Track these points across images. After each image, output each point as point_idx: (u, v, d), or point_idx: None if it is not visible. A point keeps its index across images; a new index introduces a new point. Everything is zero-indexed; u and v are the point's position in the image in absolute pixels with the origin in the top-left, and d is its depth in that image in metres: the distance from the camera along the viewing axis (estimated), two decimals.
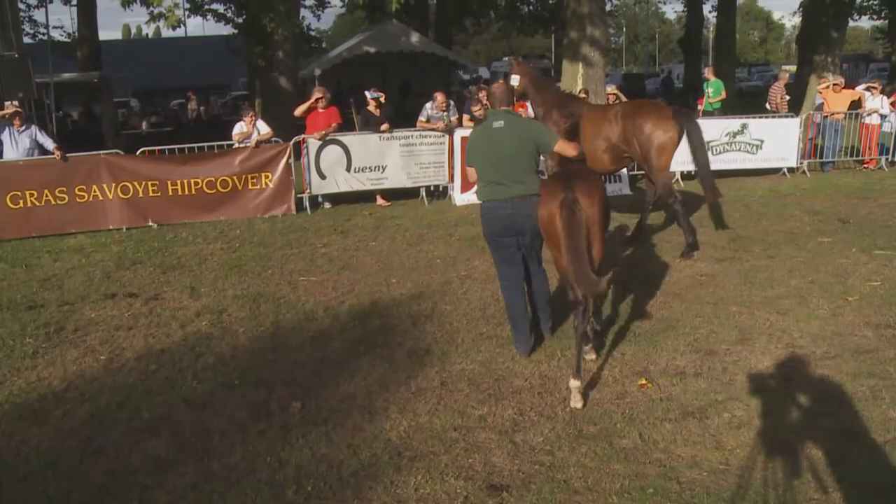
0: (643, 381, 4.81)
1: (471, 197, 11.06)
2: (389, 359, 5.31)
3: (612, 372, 5.01)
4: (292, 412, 4.57)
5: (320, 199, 11.22)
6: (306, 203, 10.89)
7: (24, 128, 10.20)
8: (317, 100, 10.94)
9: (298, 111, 11.15)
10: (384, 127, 11.13)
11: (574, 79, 14.67)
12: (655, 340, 5.48)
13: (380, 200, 11.34)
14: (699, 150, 7.94)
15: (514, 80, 8.24)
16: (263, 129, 11.08)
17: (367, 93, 11.75)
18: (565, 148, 5.05)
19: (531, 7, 33.10)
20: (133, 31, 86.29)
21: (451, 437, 4.20)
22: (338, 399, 4.73)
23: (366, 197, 11.35)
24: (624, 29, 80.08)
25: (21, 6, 17.92)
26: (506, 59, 35.32)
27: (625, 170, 10.80)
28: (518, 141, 5.00)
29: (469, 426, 4.32)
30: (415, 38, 22.88)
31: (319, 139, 10.79)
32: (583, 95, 12.77)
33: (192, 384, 5.04)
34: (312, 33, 25.91)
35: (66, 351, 5.73)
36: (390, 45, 22.03)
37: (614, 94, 13.13)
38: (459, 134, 11.01)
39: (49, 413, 4.68)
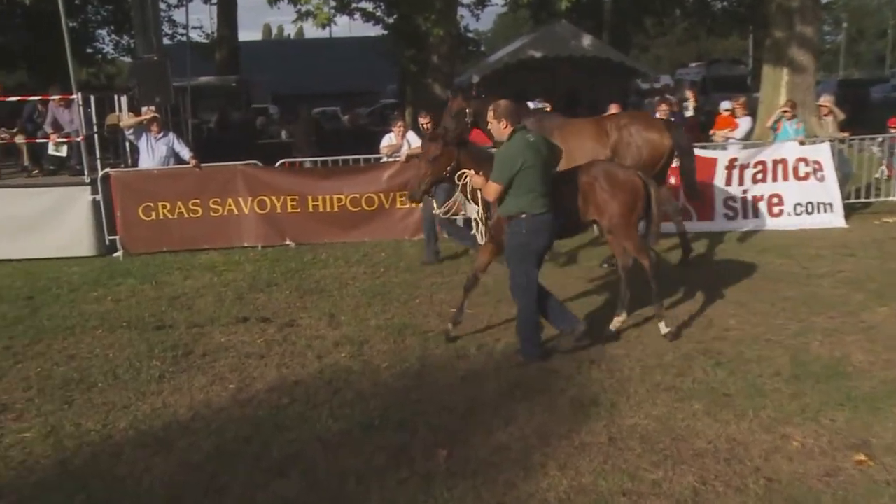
0: (861, 457, 4.48)
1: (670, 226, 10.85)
2: (550, 407, 5.25)
3: (820, 442, 4.69)
4: (437, 460, 4.58)
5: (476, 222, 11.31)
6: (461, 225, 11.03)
7: (161, 135, 11.13)
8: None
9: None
10: None
11: (776, 88, 13.99)
12: (878, 406, 5.09)
13: None
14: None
15: (468, 113, 8.70)
16: (415, 141, 11.34)
17: (530, 103, 11.79)
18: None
19: (725, 3, 32.11)
20: (274, 31, 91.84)
21: (619, 503, 4.08)
22: (489, 449, 4.69)
23: None
24: (844, 25, 75.23)
25: (161, 6, 19.65)
26: (693, 65, 34.40)
27: None
28: (551, 154, 6.06)
29: (640, 492, 4.19)
30: (586, 40, 22.85)
31: None
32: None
33: (327, 422, 5.17)
34: (470, 35, 26.59)
35: (194, 377, 6.10)
36: (558, 48, 22.13)
37: (827, 105, 12.33)
38: None
39: (173, 443, 4.97)
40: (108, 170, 10.77)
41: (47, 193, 10.73)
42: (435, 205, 7.39)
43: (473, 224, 6.59)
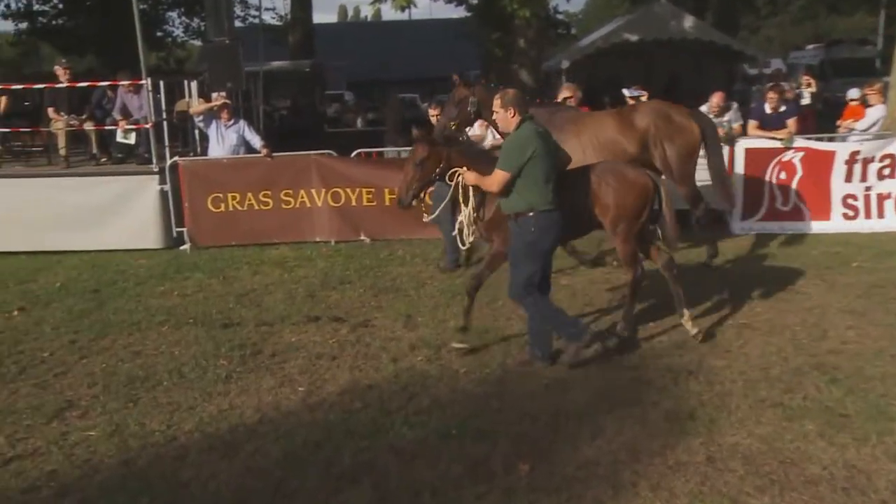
0: None
1: (754, 225, 10.54)
2: (642, 420, 5.20)
3: None
4: (519, 474, 4.57)
5: None
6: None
7: (231, 122, 11.40)
8: (565, 98, 11.02)
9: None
10: None
11: None
12: None
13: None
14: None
15: (473, 103, 8.67)
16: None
17: (625, 91, 11.64)
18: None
19: None
20: (350, 13, 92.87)
21: None
22: (575, 464, 4.67)
23: None
24: None
25: None
26: (809, 47, 33.34)
27: None
28: (557, 148, 6.26)
29: None
30: (688, 22, 22.36)
31: None
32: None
33: (401, 429, 5.22)
34: (560, 17, 26.40)
35: (262, 378, 6.24)
36: (657, 31, 21.72)
37: None
38: (743, 146, 10.51)
39: (240, 447, 5.09)
40: (176, 158, 11.11)
41: (114, 182, 11.12)
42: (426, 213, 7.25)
43: (458, 227, 6.48)
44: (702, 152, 8.93)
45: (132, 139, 11.70)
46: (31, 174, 11.61)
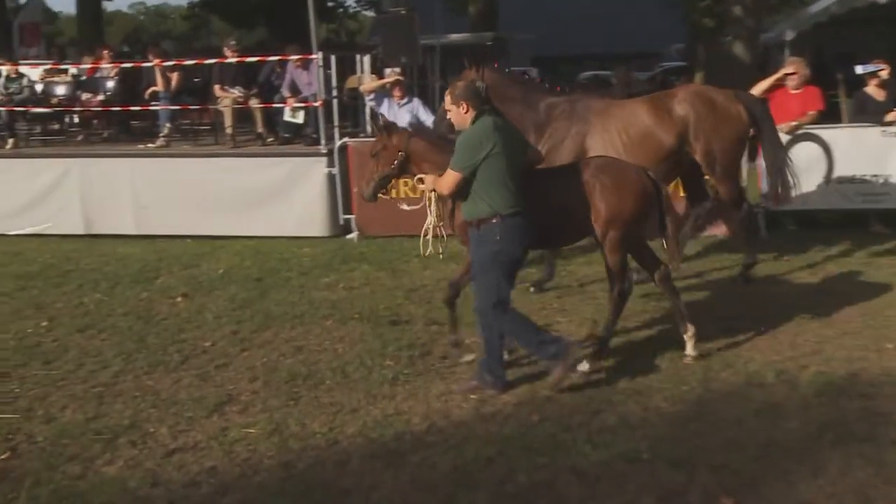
0: None
1: None
2: (875, 461, 4.92)
3: None
4: None
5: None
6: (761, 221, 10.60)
7: (405, 101, 11.68)
8: (787, 75, 10.60)
9: (758, 90, 10.87)
10: (890, 117, 10.45)
11: None
12: None
13: (876, 227, 10.60)
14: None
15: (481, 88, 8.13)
16: None
17: (859, 67, 11.07)
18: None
19: None
20: None
21: None
22: None
23: (855, 220, 10.81)
24: None
25: None
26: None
27: None
28: (524, 143, 6.31)
29: None
30: None
31: (789, 132, 10.41)
32: None
33: (584, 448, 5.18)
34: None
35: (431, 382, 6.37)
36: None
37: None
38: None
39: (405, 457, 5.21)
40: (346, 140, 11.50)
41: (279, 165, 11.67)
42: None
43: (422, 233, 6.44)
44: None
45: (300, 118, 12.22)
46: (197, 154, 12.38)
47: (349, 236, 11.37)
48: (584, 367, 6.27)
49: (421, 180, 6.34)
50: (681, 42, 32.33)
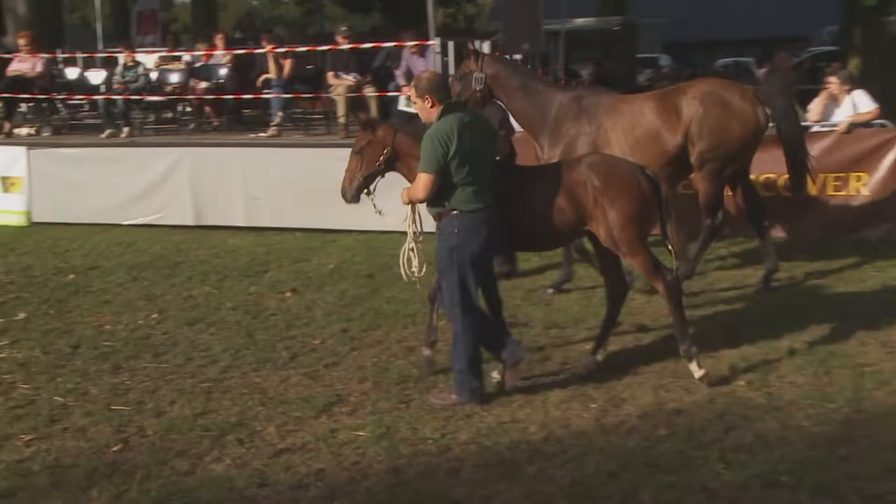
0: None
1: None
2: None
3: None
4: None
5: None
6: None
7: None
8: None
9: None
10: None
11: None
12: None
13: None
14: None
15: (479, 79, 8.30)
16: (863, 105, 10.56)
17: None
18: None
19: None
20: None
21: None
22: None
23: None
24: None
25: None
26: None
27: None
28: (492, 136, 6.40)
29: None
30: None
31: None
32: None
33: (715, 467, 5.08)
34: None
35: (550, 389, 6.33)
36: None
37: None
38: None
39: (521, 467, 5.20)
40: None
41: None
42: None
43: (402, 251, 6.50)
44: None
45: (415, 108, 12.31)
46: (309, 144, 12.61)
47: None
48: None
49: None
50: (832, 24, 31.13)
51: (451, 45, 12.09)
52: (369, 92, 12.83)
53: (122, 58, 14.94)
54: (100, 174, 12.78)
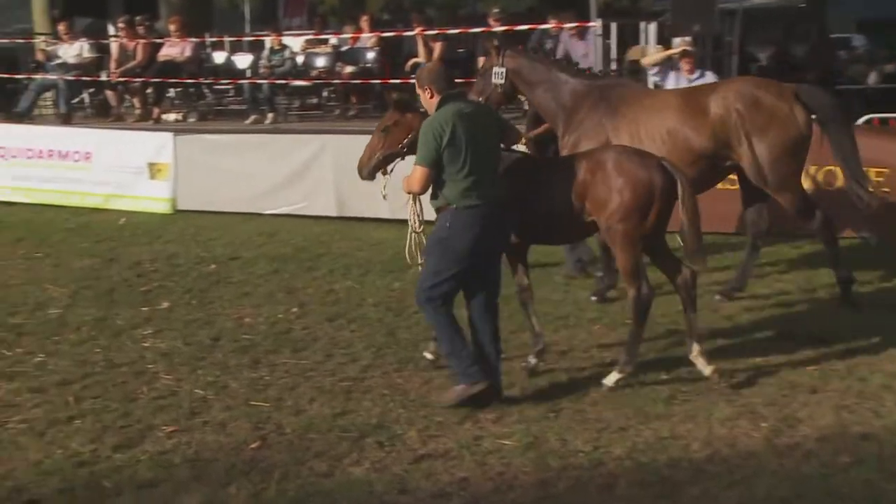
0: None
1: None
2: None
3: None
4: None
5: None
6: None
7: (696, 76, 11.23)
8: None
9: None
10: None
11: None
12: None
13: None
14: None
15: (499, 74, 8.47)
16: None
17: None
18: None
19: None
20: None
21: None
22: None
23: None
24: None
25: None
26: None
27: None
28: (496, 129, 6.44)
29: None
30: None
31: None
32: None
33: None
34: None
35: (715, 404, 6.19)
36: None
37: None
38: None
39: (682, 487, 5.10)
40: None
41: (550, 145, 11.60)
42: None
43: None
44: None
45: None
46: None
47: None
48: (609, 380, 6.47)
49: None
50: None
51: (613, 27, 11.86)
52: None
53: (268, 41, 15.33)
54: (243, 162, 13.14)
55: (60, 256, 10.99)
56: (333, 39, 16.00)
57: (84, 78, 15.93)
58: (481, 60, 12.76)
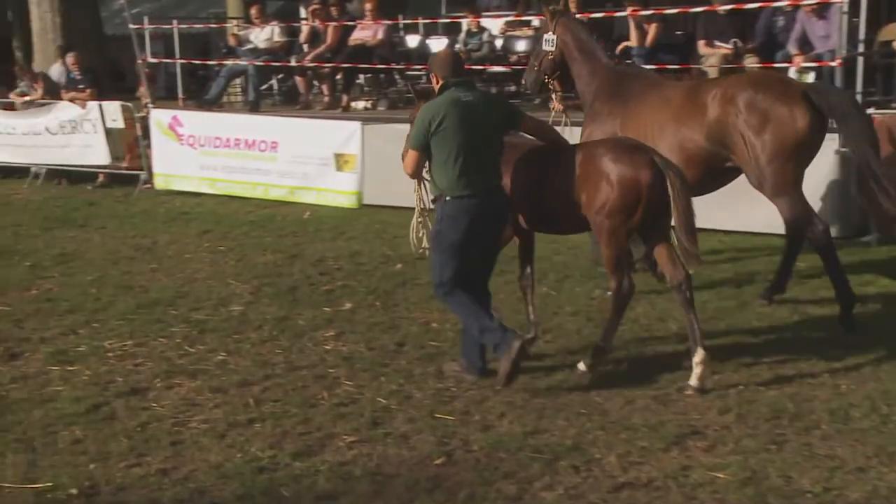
0: None
1: None
2: None
3: None
4: None
5: None
6: None
7: None
8: None
9: None
10: None
11: None
12: None
13: None
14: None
15: (550, 41, 9.18)
16: None
17: None
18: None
19: None
20: None
21: None
22: None
23: None
24: None
25: None
26: None
27: None
28: (498, 118, 6.87)
29: None
30: None
31: None
32: None
33: None
34: None
35: None
36: None
37: None
38: None
39: None
40: (871, 111, 10.80)
41: None
42: None
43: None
44: None
45: (810, 78, 11.71)
46: None
47: (864, 239, 10.72)
48: (581, 366, 6.95)
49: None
50: None
51: (862, 1, 11.15)
52: (750, 62, 12.34)
53: (465, 23, 15.43)
54: None
55: (244, 251, 11.48)
56: (536, 21, 15.93)
57: (273, 63, 16.46)
58: (700, 45, 12.61)
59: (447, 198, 6.73)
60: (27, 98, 17.89)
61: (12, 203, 15.64)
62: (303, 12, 20.03)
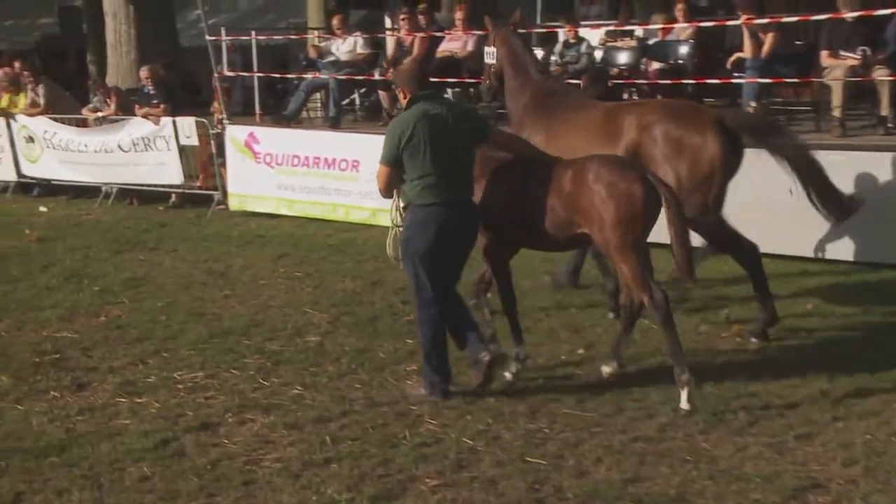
0: None
1: None
2: None
3: None
4: None
5: None
6: None
7: None
8: None
9: None
10: None
11: None
12: None
13: None
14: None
15: (490, 54, 10.07)
16: None
17: None
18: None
19: None
20: None
21: None
22: None
23: None
24: None
25: None
26: None
27: None
28: (468, 129, 7.48)
29: None
30: None
31: None
32: None
33: None
34: None
35: None
36: None
37: None
38: None
39: None
40: None
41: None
42: None
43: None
44: None
45: None
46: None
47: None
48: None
49: None
50: None
51: None
52: (880, 75, 11.95)
53: (562, 33, 15.33)
54: None
55: (322, 277, 11.50)
56: (639, 31, 15.79)
57: (356, 77, 16.48)
58: (823, 55, 12.30)
59: (415, 205, 7.27)
60: (100, 114, 18.16)
61: (83, 224, 15.90)
62: (388, 22, 20.09)
